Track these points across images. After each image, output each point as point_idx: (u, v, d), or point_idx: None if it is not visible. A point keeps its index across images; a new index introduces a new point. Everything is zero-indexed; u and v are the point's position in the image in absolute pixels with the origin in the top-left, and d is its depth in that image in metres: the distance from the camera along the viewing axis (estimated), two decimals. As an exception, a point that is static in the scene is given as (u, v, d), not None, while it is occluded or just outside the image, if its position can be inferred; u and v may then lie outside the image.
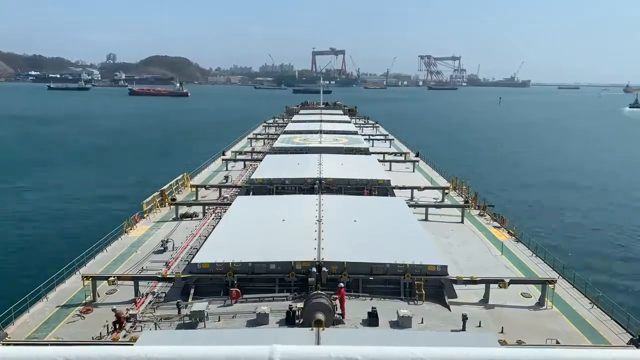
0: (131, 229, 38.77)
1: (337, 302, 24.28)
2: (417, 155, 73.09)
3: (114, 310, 23.77)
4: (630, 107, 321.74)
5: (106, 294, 27.39)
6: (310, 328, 20.13)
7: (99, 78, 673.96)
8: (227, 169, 62.70)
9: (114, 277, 27.53)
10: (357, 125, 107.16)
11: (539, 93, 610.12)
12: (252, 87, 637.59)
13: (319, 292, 23.92)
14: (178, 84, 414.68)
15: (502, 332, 23.25)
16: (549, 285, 26.72)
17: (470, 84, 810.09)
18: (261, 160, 61.29)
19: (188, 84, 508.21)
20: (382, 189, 47.69)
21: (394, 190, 48.15)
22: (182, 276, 27.48)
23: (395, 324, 23.31)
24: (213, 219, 41.15)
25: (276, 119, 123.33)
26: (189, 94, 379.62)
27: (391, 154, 72.31)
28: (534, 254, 34.51)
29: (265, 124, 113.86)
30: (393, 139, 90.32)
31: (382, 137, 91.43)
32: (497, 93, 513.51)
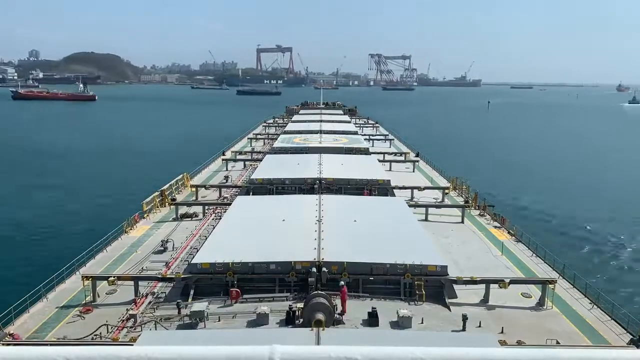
0: (131, 229, 38.77)
1: (338, 301, 24.35)
2: (417, 155, 73.10)
3: None
4: (629, 103, 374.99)
5: (106, 294, 27.39)
6: (310, 328, 20.12)
7: (15, 77, 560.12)
8: (227, 169, 62.70)
9: (114, 277, 27.53)
10: (357, 125, 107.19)
11: (505, 93, 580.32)
12: (190, 87, 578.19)
13: (319, 292, 23.93)
14: (81, 85, 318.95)
15: (502, 332, 23.25)
16: (549, 285, 26.71)
17: (421, 84, 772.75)
18: (261, 160, 61.29)
19: (117, 84, 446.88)
20: (382, 189, 47.70)
21: (394, 190, 48.15)
22: (182, 276, 27.48)
23: (395, 324, 23.32)
24: (213, 219, 41.15)
25: (276, 119, 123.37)
26: (96, 98, 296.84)
27: (391, 154, 72.33)
28: (534, 254, 34.50)
29: (265, 124, 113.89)
30: (393, 139, 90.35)
31: (382, 137, 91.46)
32: (451, 93, 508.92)
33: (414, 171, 63.13)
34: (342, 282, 25.43)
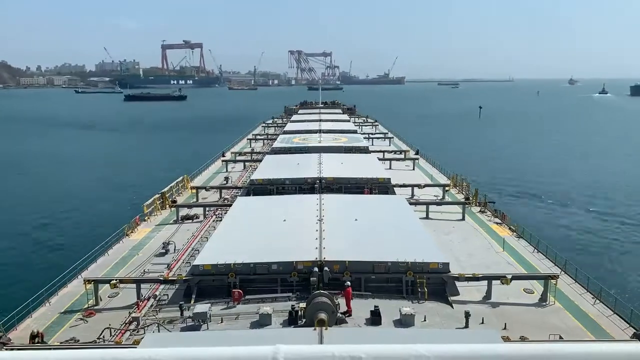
0: (132, 232, 38.78)
1: (341, 300, 24.37)
2: (416, 153, 73.09)
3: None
4: (599, 94, 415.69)
5: (108, 297, 27.41)
6: (313, 328, 20.13)
7: None
8: (227, 170, 62.71)
9: (116, 280, 27.56)
10: (356, 124, 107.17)
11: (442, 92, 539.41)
12: (74, 91, 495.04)
13: (322, 291, 23.94)
14: None
15: (505, 328, 23.25)
16: (551, 280, 26.70)
17: (343, 82, 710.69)
18: (261, 160, 61.30)
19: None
20: (383, 187, 47.67)
21: (395, 188, 48.14)
22: (184, 278, 27.49)
23: (398, 322, 23.33)
24: (214, 220, 41.17)
25: (275, 120, 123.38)
26: None
27: (391, 152, 72.33)
28: (535, 250, 34.49)
29: (264, 125, 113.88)
30: (392, 137, 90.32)
31: (381, 136, 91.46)
32: (376, 91, 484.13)
33: (414, 169, 63.14)
34: (347, 282, 25.47)
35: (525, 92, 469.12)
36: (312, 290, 24.92)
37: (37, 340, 22.35)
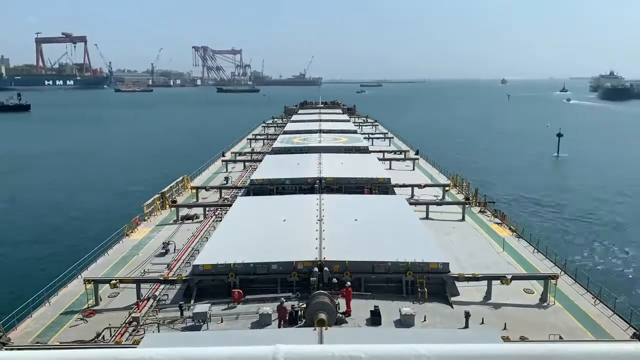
0: (132, 232, 38.77)
1: (341, 300, 24.38)
2: (416, 153, 73.06)
3: None
4: (560, 92, 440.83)
5: (108, 297, 27.40)
6: (313, 328, 20.13)
7: None
8: (227, 170, 62.69)
9: (116, 280, 27.55)
10: (356, 124, 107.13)
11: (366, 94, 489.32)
12: None
13: (322, 291, 23.94)
14: None
15: (505, 328, 23.24)
16: (551, 280, 26.68)
17: (256, 82, 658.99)
18: (261, 160, 61.30)
19: None
20: (383, 187, 47.66)
21: (395, 188, 48.13)
22: (184, 278, 27.49)
23: (398, 323, 23.34)
24: (214, 220, 41.16)
25: (275, 120, 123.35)
26: None
27: (391, 152, 72.29)
28: (535, 250, 34.47)
29: (264, 125, 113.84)
30: (392, 137, 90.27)
31: (381, 136, 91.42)
32: (293, 93, 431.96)
33: (414, 169, 63.12)
34: (348, 282, 25.49)
35: (439, 93, 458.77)
36: (312, 290, 24.92)
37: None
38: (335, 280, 26.27)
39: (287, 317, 23.31)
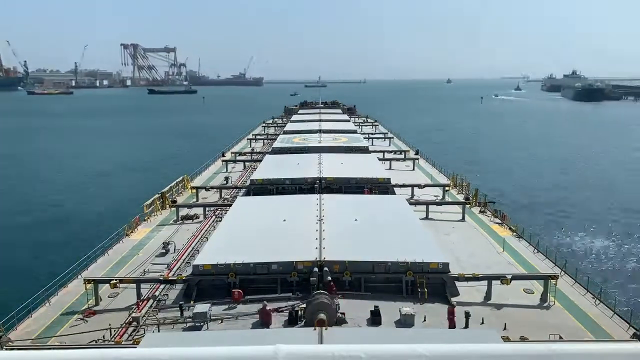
0: (132, 232, 38.76)
1: (341, 301, 24.41)
2: (416, 153, 73.05)
3: None
4: (514, 90, 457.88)
5: (108, 297, 27.40)
6: (313, 328, 20.13)
7: None
8: (227, 170, 62.68)
9: (116, 280, 27.55)
10: (356, 124, 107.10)
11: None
12: None
13: (322, 291, 23.95)
14: None
15: (505, 328, 23.23)
16: (551, 280, 26.67)
17: (192, 82, 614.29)
18: (261, 160, 61.30)
19: None
20: (383, 187, 47.66)
21: (394, 188, 48.12)
22: (184, 278, 27.48)
23: (398, 323, 23.34)
24: (214, 220, 41.15)
25: (275, 120, 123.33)
26: None
27: (391, 152, 72.27)
28: (535, 250, 34.45)
29: (264, 125, 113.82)
30: (392, 137, 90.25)
31: (381, 136, 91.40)
32: (233, 94, 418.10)
33: (414, 169, 63.11)
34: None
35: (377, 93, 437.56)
36: (312, 290, 24.92)
37: None
38: (329, 278, 26.28)
39: (271, 321, 23.22)
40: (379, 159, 61.43)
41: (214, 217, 42.11)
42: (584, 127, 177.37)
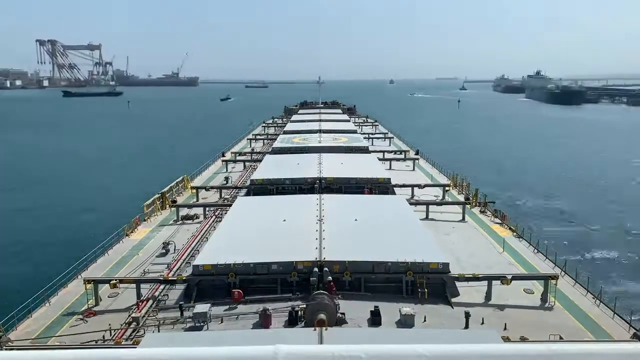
0: (132, 232, 38.76)
1: (341, 302, 24.44)
2: (417, 153, 73.05)
3: None
4: (460, 90, 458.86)
5: (108, 297, 27.40)
6: (313, 328, 20.14)
7: None
8: (227, 170, 62.68)
9: (116, 280, 27.55)
10: (356, 124, 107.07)
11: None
12: None
13: (322, 291, 23.95)
14: None
15: (505, 328, 23.23)
16: (552, 281, 26.67)
17: (120, 82, 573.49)
18: (261, 160, 61.30)
19: None
20: (383, 187, 47.66)
21: (395, 188, 48.12)
22: (184, 278, 27.48)
23: (398, 323, 23.34)
24: (214, 220, 41.15)
25: (275, 120, 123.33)
26: None
27: (391, 152, 72.26)
28: (536, 250, 34.45)
29: (264, 125, 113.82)
30: (392, 137, 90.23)
31: (381, 136, 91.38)
32: (162, 94, 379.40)
33: (414, 169, 63.11)
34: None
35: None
36: (312, 290, 24.92)
37: None
38: (329, 278, 26.29)
39: (270, 324, 23.23)
40: (379, 159, 61.42)
41: (214, 217, 42.10)
42: (602, 137, 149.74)
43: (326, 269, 26.74)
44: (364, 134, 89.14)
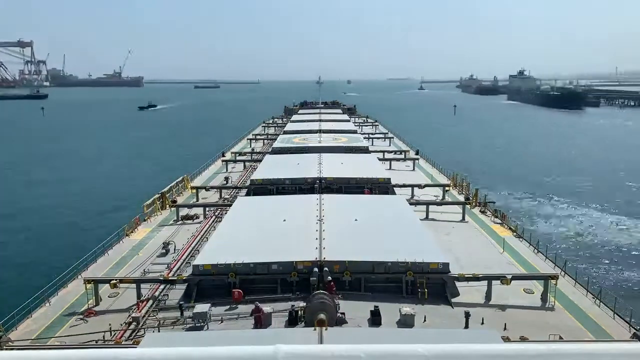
0: (132, 232, 38.75)
1: (342, 302, 24.46)
2: (417, 153, 73.06)
3: None
4: (418, 90, 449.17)
5: (109, 297, 27.40)
6: (313, 328, 20.14)
7: None
8: (227, 170, 62.68)
9: (116, 280, 27.55)
10: (356, 124, 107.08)
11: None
12: None
13: (321, 291, 23.95)
14: None
15: (505, 328, 23.23)
16: (551, 280, 26.67)
17: (55, 83, 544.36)
18: (261, 160, 61.30)
19: None
20: (383, 187, 47.66)
21: (395, 188, 48.12)
22: (184, 278, 27.48)
23: (398, 323, 23.34)
24: (214, 220, 41.15)
25: (275, 120, 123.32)
26: None
27: (391, 152, 72.27)
28: (535, 250, 34.46)
29: (264, 125, 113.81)
30: (392, 137, 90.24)
31: (381, 136, 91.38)
32: (100, 96, 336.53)
33: (414, 169, 63.11)
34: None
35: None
36: (312, 290, 24.92)
37: None
38: (329, 278, 26.30)
39: (262, 322, 23.28)
40: (379, 159, 61.42)
41: (214, 217, 42.10)
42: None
43: (326, 269, 26.75)
44: (364, 134, 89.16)
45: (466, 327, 23.15)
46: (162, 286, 27.90)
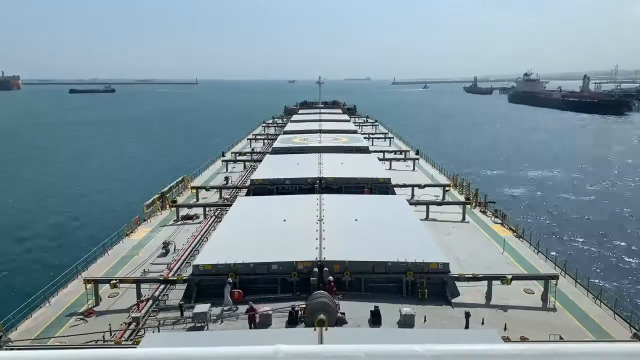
0: (132, 232, 38.76)
1: (342, 302, 24.44)
2: (417, 153, 73.06)
3: None
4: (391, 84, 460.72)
5: (108, 297, 27.40)
6: (313, 328, 20.13)
7: None
8: (227, 170, 62.68)
9: (116, 280, 27.56)
10: (356, 124, 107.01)
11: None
12: None
13: (322, 291, 23.95)
14: None
15: (505, 329, 23.24)
16: (552, 281, 26.67)
17: None
18: (261, 160, 61.30)
19: None
20: (383, 187, 47.64)
21: (395, 188, 48.11)
22: (184, 278, 27.49)
23: (398, 323, 23.34)
24: (214, 220, 41.15)
25: (275, 120, 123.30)
26: None
27: (391, 152, 72.25)
28: (536, 250, 34.46)
29: (264, 125, 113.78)
30: (393, 137, 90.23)
31: (381, 136, 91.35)
32: None
33: (414, 169, 63.10)
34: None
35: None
36: (312, 290, 24.93)
37: None
38: (329, 278, 26.31)
39: (257, 321, 23.29)
40: (379, 159, 61.42)
41: (214, 217, 42.10)
42: None
43: (326, 269, 26.75)
44: (364, 134, 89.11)
45: (466, 327, 23.16)
46: (162, 286, 27.91)
